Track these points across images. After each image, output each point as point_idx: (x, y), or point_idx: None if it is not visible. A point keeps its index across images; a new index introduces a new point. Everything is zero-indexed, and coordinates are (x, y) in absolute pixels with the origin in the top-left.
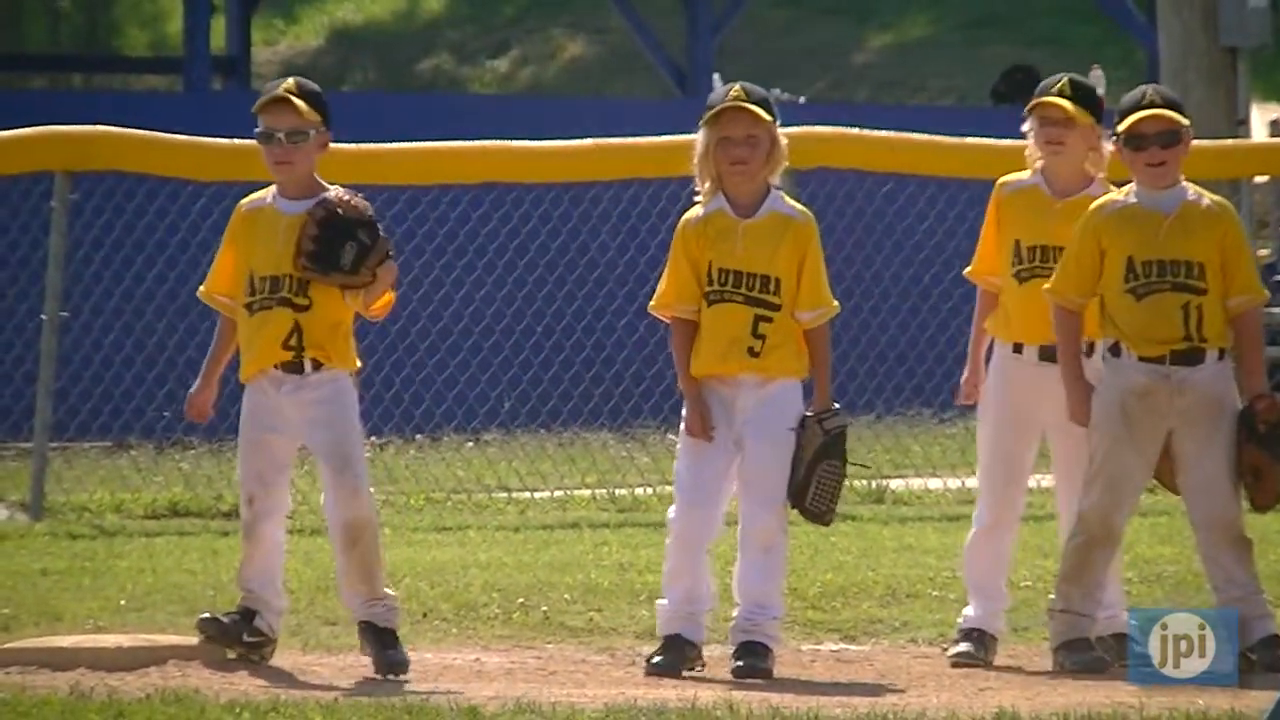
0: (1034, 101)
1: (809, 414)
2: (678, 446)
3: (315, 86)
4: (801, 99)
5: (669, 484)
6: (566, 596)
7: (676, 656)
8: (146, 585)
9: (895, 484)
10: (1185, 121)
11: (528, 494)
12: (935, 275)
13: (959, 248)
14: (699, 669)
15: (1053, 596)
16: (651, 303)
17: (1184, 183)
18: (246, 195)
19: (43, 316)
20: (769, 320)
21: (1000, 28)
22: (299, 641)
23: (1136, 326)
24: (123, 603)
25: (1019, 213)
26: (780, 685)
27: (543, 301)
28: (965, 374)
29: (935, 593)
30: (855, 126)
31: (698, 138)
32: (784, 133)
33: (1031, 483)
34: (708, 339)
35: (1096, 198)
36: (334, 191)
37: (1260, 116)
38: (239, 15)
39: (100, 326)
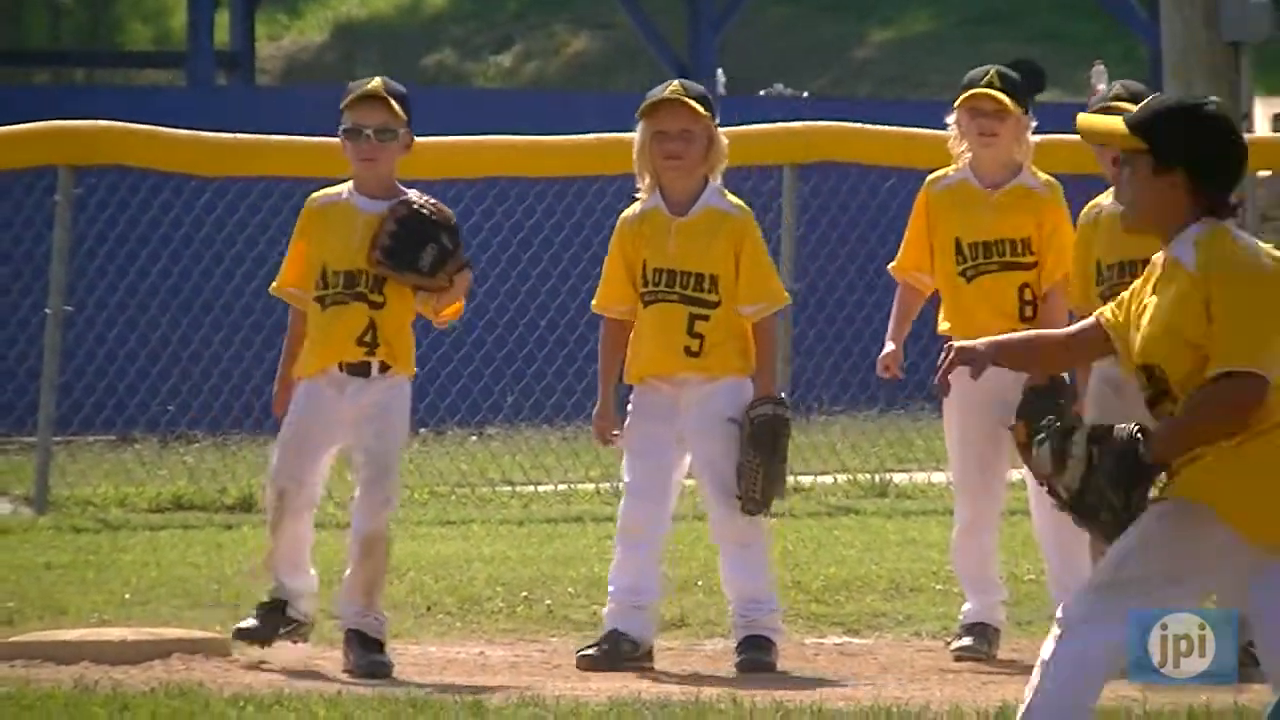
0: (965, 94)
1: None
2: (624, 444)
3: (403, 88)
4: (804, 94)
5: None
6: (570, 590)
7: (611, 651)
8: (150, 579)
9: (899, 478)
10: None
11: (531, 488)
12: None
13: None
14: (646, 665)
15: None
16: (594, 302)
17: None
18: (307, 191)
19: (47, 311)
20: (705, 319)
21: (1001, 23)
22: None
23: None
24: (127, 596)
25: (953, 210)
26: (784, 679)
27: (546, 295)
28: (884, 351)
29: (939, 586)
30: (857, 122)
31: (635, 133)
32: (787, 128)
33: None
34: (646, 340)
35: (1029, 186)
36: (414, 193)
37: (1263, 111)
38: (242, 10)
39: (104, 321)
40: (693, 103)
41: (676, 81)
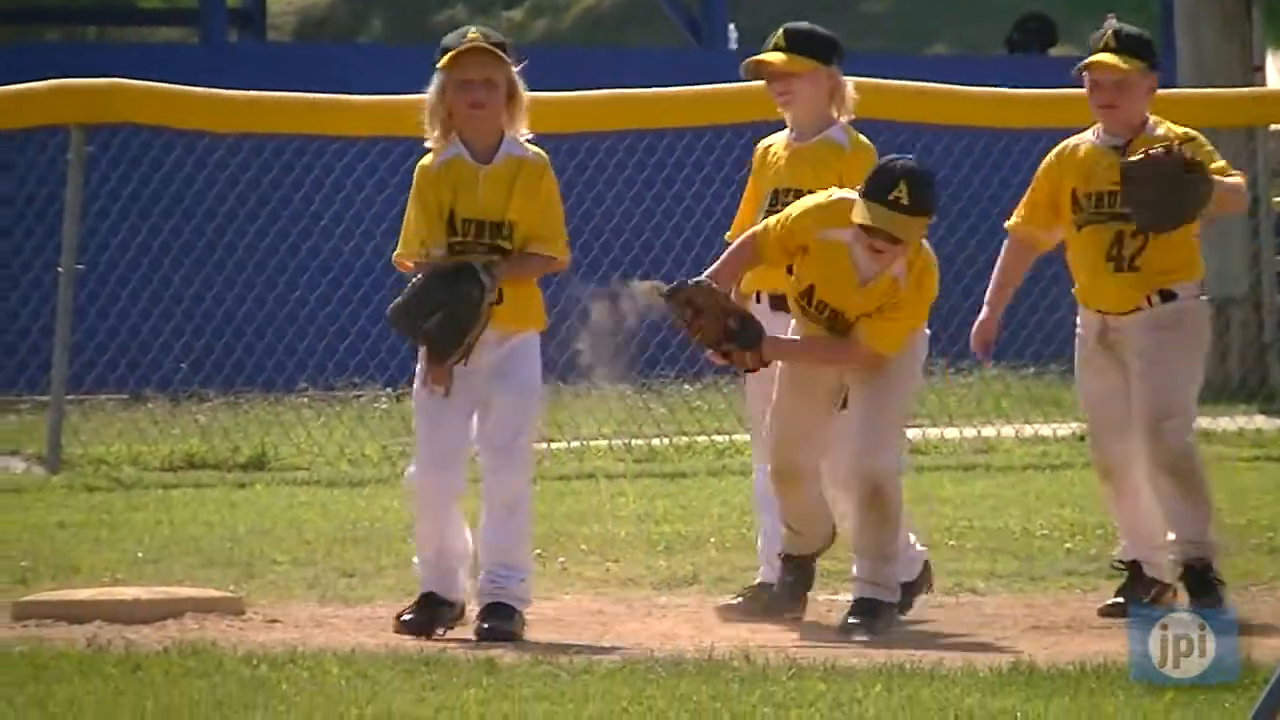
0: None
1: None
2: (414, 404)
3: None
4: None
5: (685, 434)
6: (584, 547)
7: (430, 615)
8: (163, 537)
9: (911, 433)
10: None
11: (544, 445)
12: (950, 225)
13: (974, 197)
14: (456, 626)
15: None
16: (397, 252)
17: None
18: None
19: (59, 269)
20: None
21: None
22: (316, 594)
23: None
24: (140, 555)
25: (769, 163)
26: (797, 634)
27: None
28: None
29: (951, 542)
30: (870, 76)
31: (432, 82)
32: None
33: (1047, 430)
34: None
35: (835, 140)
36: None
37: (1275, 64)
38: None
39: (116, 279)
40: (495, 50)
41: (474, 29)
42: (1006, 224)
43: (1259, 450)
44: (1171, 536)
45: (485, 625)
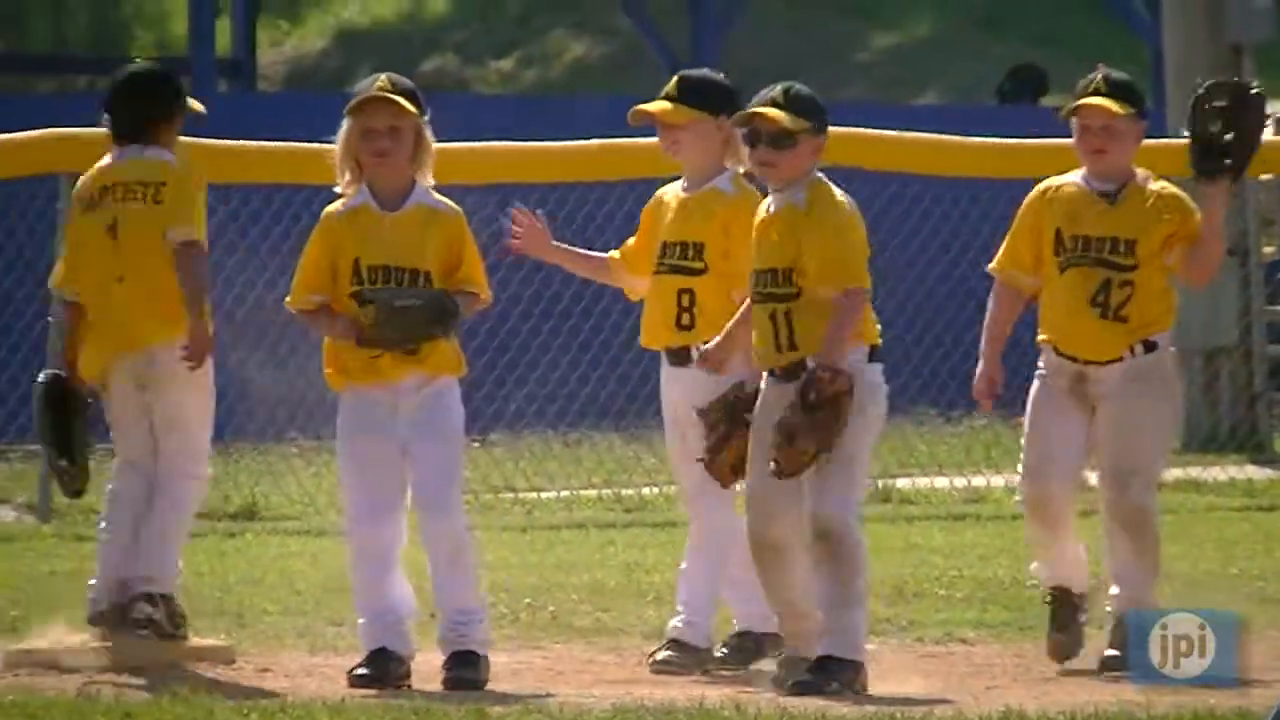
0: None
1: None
2: (338, 453)
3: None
4: None
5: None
6: (574, 596)
7: (383, 669)
8: None
9: (901, 483)
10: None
11: (534, 494)
12: (940, 274)
13: (963, 247)
14: (408, 680)
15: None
16: (289, 299)
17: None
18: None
19: (49, 319)
20: None
21: (1005, 27)
22: (306, 643)
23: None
24: None
25: (662, 212)
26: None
27: (548, 301)
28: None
29: (941, 592)
30: (860, 126)
31: (341, 131)
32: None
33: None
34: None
35: (720, 189)
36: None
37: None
38: (244, 17)
39: None
40: (400, 99)
41: (384, 77)
42: (989, 266)
43: (1249, 500)
44: (1115, 590)
45: (453, 674)
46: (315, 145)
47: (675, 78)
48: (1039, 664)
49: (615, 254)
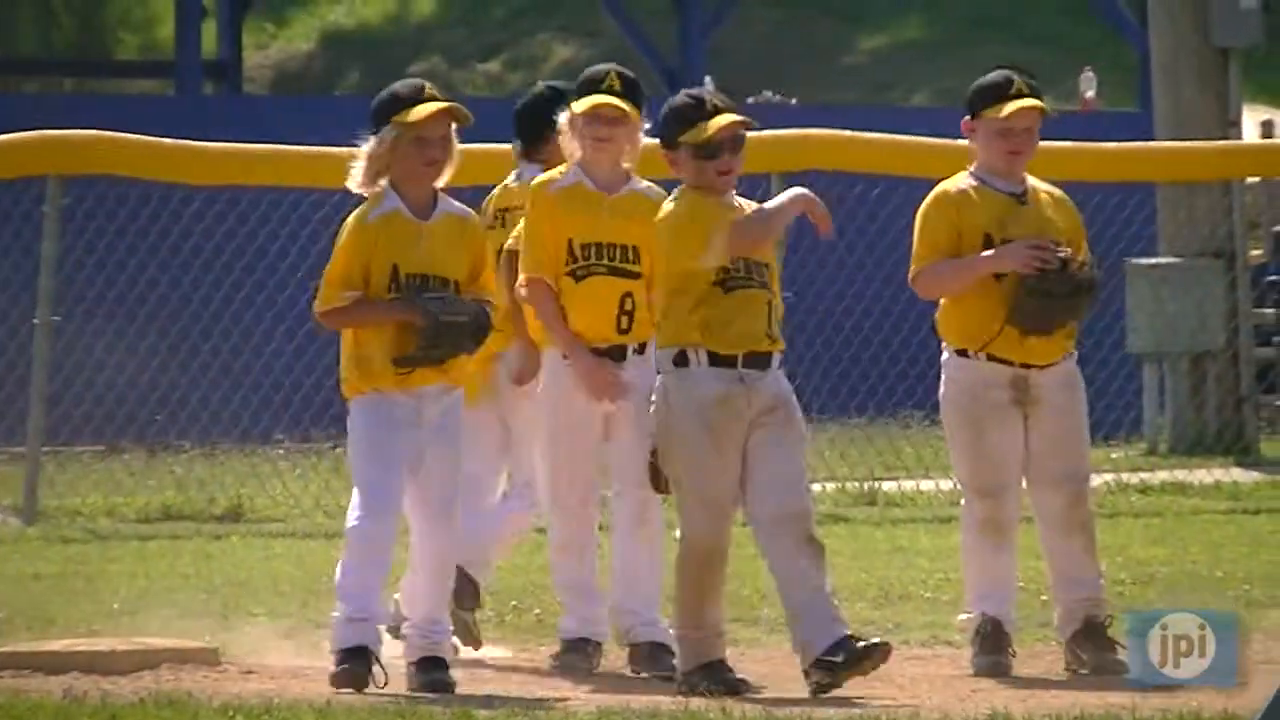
0: (592, 102)
1: None
2: (354, 449)
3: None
4: (793, 100)
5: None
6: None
7: (363, 666)
8: (139, 589)
9: (887, 486)
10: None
11: None
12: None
13: None
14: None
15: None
16: (318, 304)
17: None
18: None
19: (35, 321)
20: None
21: (993, 29)
22: (292, 645)
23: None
24: (116, 606)
25: (571, 212)
26: (773, 687)
27: None
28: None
29: (927, 594)
30: (847, 129)
31: (380, 135)
32: (776, 135)
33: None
34: (379, 348)
35: (639, 191)
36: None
37: (1251, 118)
38: (229, 19)
39: (92, 331)
40: (457, 109)
41: (428, 85)
42: (911, 272)
43: (1235, 503)
44: (1069, 593)
45: (428, 676)
46: (300, 148)
47: (615, 75)
48: (1025, 666)
49: (549, 280)
